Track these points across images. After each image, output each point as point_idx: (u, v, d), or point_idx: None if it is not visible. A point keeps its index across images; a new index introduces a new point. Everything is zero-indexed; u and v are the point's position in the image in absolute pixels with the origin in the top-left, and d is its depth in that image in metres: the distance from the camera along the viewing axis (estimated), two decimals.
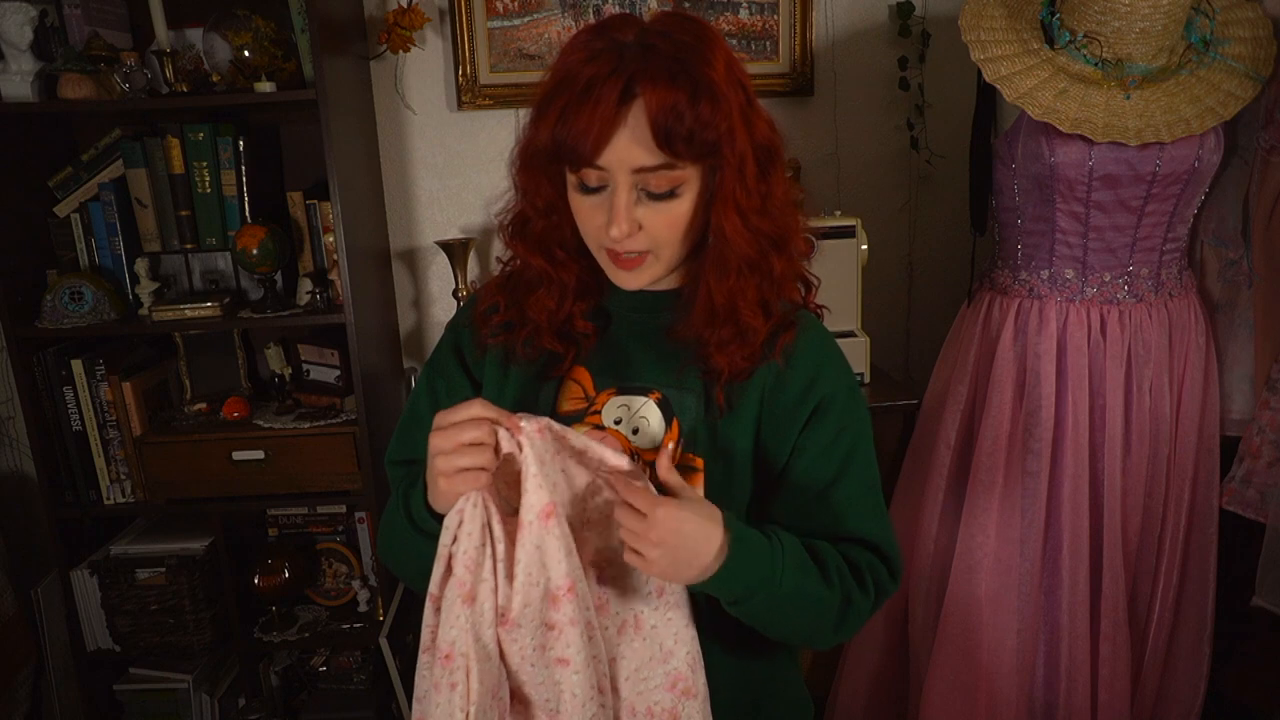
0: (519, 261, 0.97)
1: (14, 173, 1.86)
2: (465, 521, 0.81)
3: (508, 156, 0.94)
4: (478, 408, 0.80)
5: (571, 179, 0.87)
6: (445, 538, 0.82)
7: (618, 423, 0.94)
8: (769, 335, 0.92)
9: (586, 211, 0.87)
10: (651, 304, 0.96)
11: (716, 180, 0.85)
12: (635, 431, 0.93)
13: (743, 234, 0.86)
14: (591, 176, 0.84)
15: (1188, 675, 1.73)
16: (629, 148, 0.81)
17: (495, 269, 1.02)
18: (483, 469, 0.80)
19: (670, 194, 0.84)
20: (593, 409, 0.94)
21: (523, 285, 0.96)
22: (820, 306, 1.03)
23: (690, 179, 0.85)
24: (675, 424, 0.93)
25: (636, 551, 0.80)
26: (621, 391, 0.94)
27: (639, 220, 0.85)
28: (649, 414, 0.93)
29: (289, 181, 2.05)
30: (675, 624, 0.89)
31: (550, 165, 0.88)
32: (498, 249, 1.00)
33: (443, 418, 0.81)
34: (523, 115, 0.94)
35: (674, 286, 0.96)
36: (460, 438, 0.79)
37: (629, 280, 0.90)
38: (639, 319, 0.97)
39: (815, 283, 1.01)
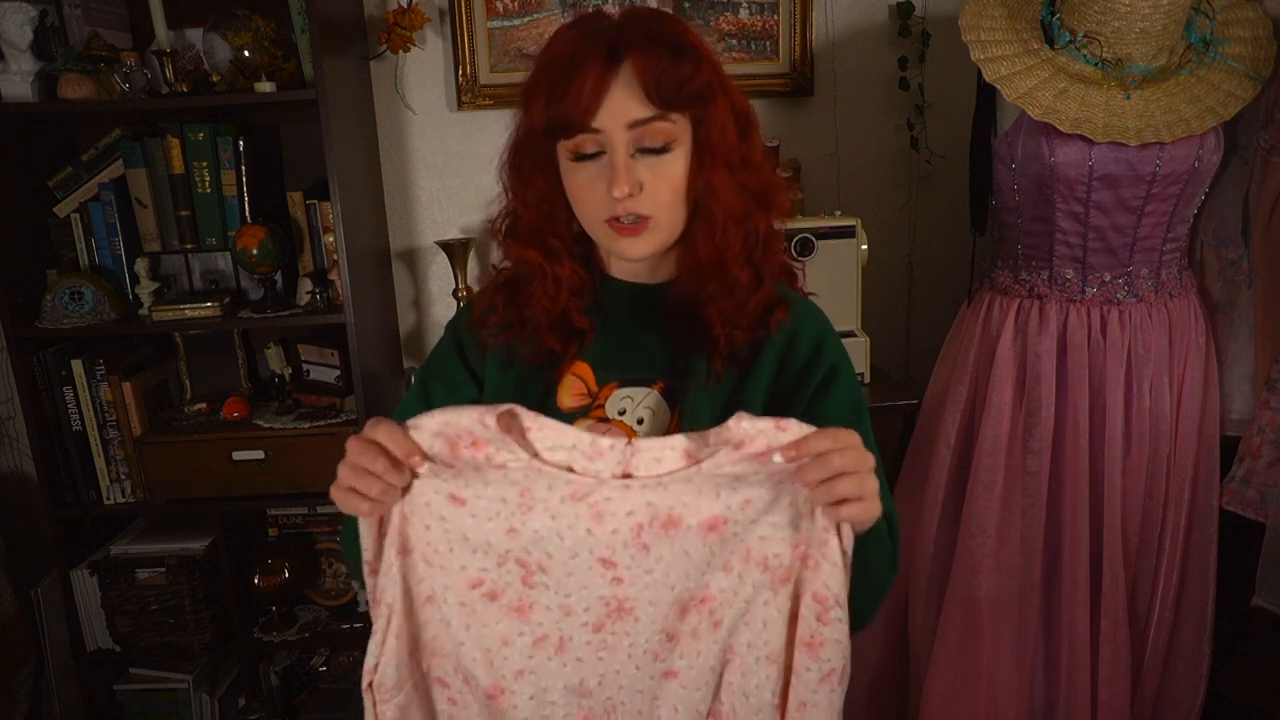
0: (512, 266, 0.99)
1: (14, 173, 1.86)
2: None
3: (496, 162, 0.96)
4: (383, 432, 0.76)
5: (566, 156, 0.89)
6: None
7: (621, 414, 0.94)
8: (764, 309, 0.94)
9: (585, 185, 0.89)
10: (649, 296, 0.98)
11: (703, 135, 0.88)
12: (640, 422, 0.94)
13: (729, 186, 0.89)
14: (588, 143, 0.87)
15: (1188, 675, 1.73)
16: (621, 104, 0.85)
17: (491, 275, 1.03)
18: (362, 497, 0.77)
19: (665, 148, 0.87)
20: (596, 403, 0.95)
21: (518, 284, 0.97)
22: (810, 294, 1.06)
23: (681, 135, 0.88)
24: (677, 413, 0.93)
25: (853, 499, 0.74)
26: (624, 384, 0.95)
27: (639, 180, 0.87)
28: (653, 404, 0.94)
29: (289, 181, 2.05)
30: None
31: (542, 151, 0.90)
32: (496, 254, 1.01)
33: (370, 428, 0.78)
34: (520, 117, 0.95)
35: (668, 279, 0.97)
36: (360, 458, 0.76)
37: (634, 247, 0.90)
38: (638, 312, 0.98)
39: (800, 273, 1.06)
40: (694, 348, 0.93)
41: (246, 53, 1.76)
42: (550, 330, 0.95)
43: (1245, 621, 1.74)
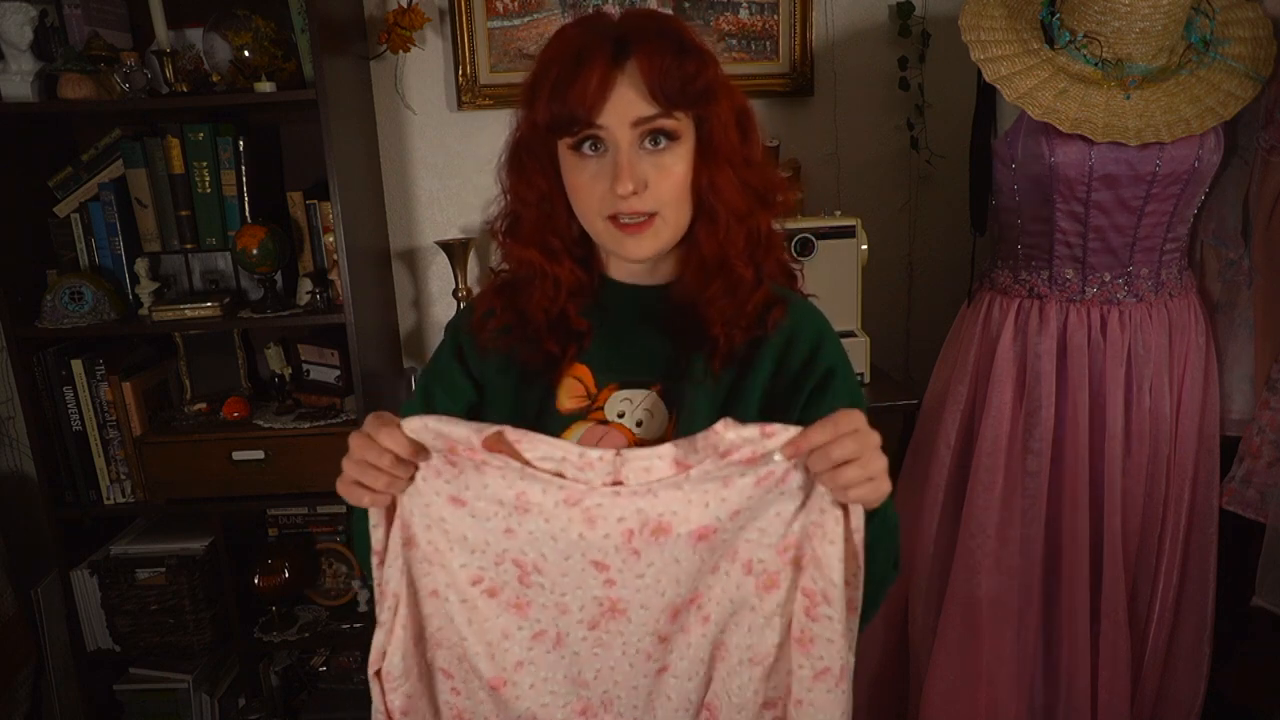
0: (511, 268, 0.99)
1: (14, 173, 1.86)
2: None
3: (496, 162, 0.96)
4: (385, 436, 0.78)
5: (567, 153, 0.89)
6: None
7: (620, 416, 0.94)
8: (761, 309, 0.94)
9: (587, 183, 0.89)
10: (648, 297, 0.97)
11: (706, 134, 0.89)
12: (639, 424, 0.94)
13: (733, 184, 0.90)
14: (591, 139, 0.87)
15: (1188, 675, 1.73)
16: (627, 101, 0.85)
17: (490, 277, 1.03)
18: (366, 489, 0.80)
19: (669, 140, 0.87)
20: (595, 405, 0.95)
21: (517, 286, 0.97)
22: (810, 295, 1.05)
23: (685, 133, 0.88)
24: (675, 415, 0.93)
25: (859, 483, 0.76)
26: (623, 386, 0.95)
27: (643, 179, 0.87)
28: (651, 406, 0.94)
29: (289, 181, 2.05)
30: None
31: (544, 149, 0.90)
32: (495, 256, 1.01)
33: (372, 423, 0.79)
34: (522, 115, 0.95)
35: (668, 280, 0.97)
36: (365, 454, 0.79)
37: (638, 246, 0.90)
38: (637, 314, 0.98)
39: (799, 274, 1.06)
40: (692, 348, 0.93)
41: (246, 53, 1.76)
42: (549, 332, 0.95)
43: (1245, 621, 1.74)
